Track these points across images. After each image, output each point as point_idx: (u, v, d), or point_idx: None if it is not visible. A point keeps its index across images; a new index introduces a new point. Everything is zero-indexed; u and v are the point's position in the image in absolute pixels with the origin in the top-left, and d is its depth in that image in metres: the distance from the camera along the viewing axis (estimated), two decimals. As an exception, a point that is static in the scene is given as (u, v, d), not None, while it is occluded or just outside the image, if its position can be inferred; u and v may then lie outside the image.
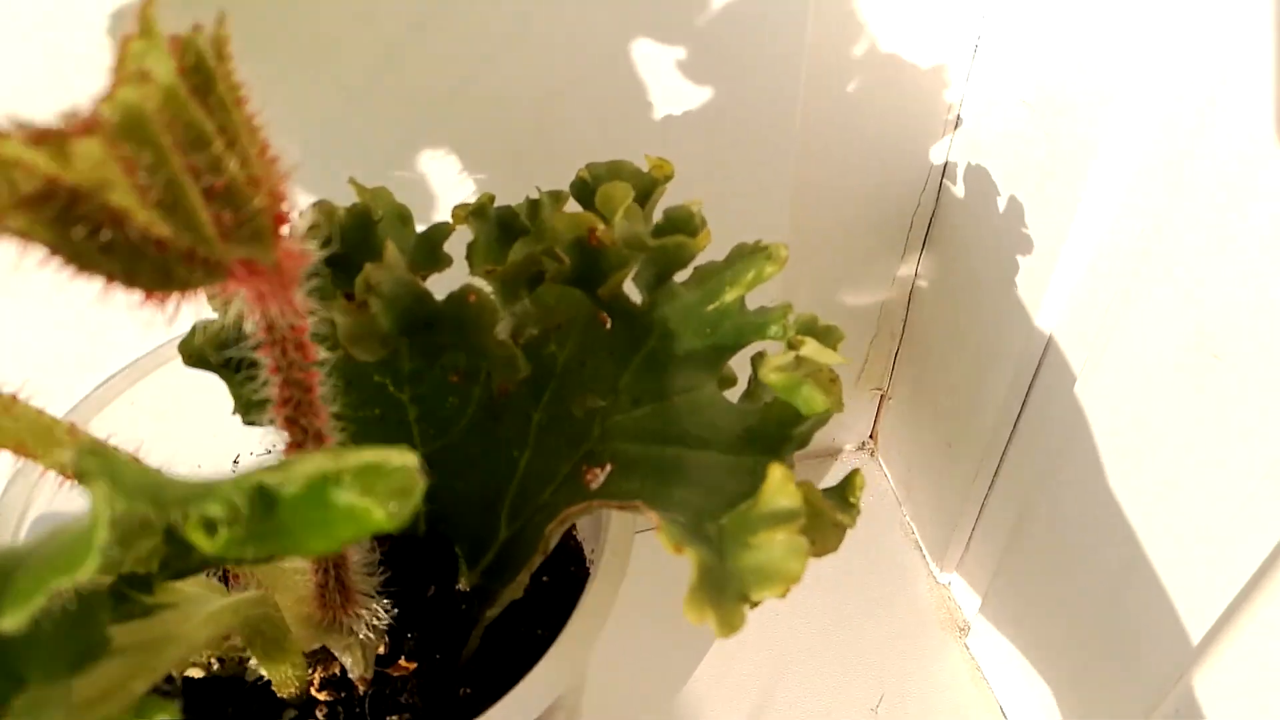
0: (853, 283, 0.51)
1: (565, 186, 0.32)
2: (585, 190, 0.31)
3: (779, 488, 0.23)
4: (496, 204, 0.31)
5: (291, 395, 0.22)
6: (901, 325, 0.53)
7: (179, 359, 0.29)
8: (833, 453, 0.61)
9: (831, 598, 0.54)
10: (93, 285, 0.16)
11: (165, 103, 0.15)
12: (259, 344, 0.20)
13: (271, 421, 0.23)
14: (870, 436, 0.61)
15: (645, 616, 0.52)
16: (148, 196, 0.15)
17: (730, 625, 0.21)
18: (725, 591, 0.22)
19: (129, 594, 0.21)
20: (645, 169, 0.31)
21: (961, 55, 0.43)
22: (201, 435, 0.35)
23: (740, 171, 0.43)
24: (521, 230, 0.30)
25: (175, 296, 0.17)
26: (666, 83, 0.40)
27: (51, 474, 0.20)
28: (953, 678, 0.51)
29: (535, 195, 0.32)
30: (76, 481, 0.19)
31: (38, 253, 0.15)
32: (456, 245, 0.31)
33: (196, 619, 0.22)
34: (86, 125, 0.14)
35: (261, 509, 0.15)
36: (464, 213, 0.30)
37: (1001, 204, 0.43)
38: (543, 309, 0.29)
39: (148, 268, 0.16)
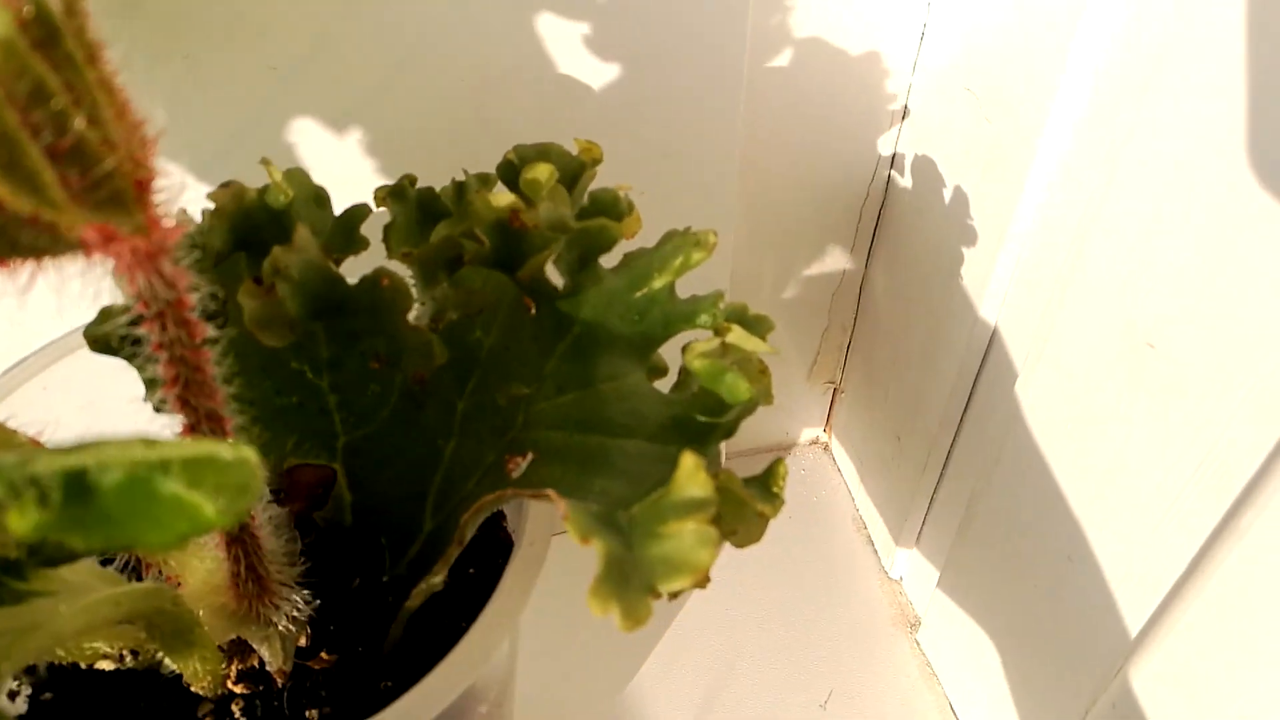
0: (803, 276, 0.50)
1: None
2: (512, 172, 0.30)
3: (690, 476, 0.22)
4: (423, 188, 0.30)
5: (179, 374, 0.21)
6: (853, 318, 0.53)
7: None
8: (786, 447, 0.60)
9: (781, 593, 0.53)
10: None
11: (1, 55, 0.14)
12: (138, 319, 0.19)
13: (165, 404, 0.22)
14: (824, 430, 0.60)
15: (587, 616, 0.51)
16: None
17: (635, 618, 0.20)
18: (630, 582, 0.21)
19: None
20: (574, 151, 0.30)
21: (908, 44, 0.42)
22: (120, 423, 0.34)
23: (685, 164, 0.43)
24: (443, 213, 0.29)
25: (26, 265, 0.16)
26: (608, 70, 0.39)
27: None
28: (902, 674, 0.50)
29: (461, 177, 0.31)
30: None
31: None
32: (379, 231, 0.30)
33: (70, 609, 0.21)
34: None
35: (76, 495, 0.14)
36: (383, 193, 0.29)
37: (948, 195, 0.42)
38: (464, 293, 0.28)
39: (-12, 232, 0.15)
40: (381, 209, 0.30)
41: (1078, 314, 0.35)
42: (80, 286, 0.18)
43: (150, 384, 0.27)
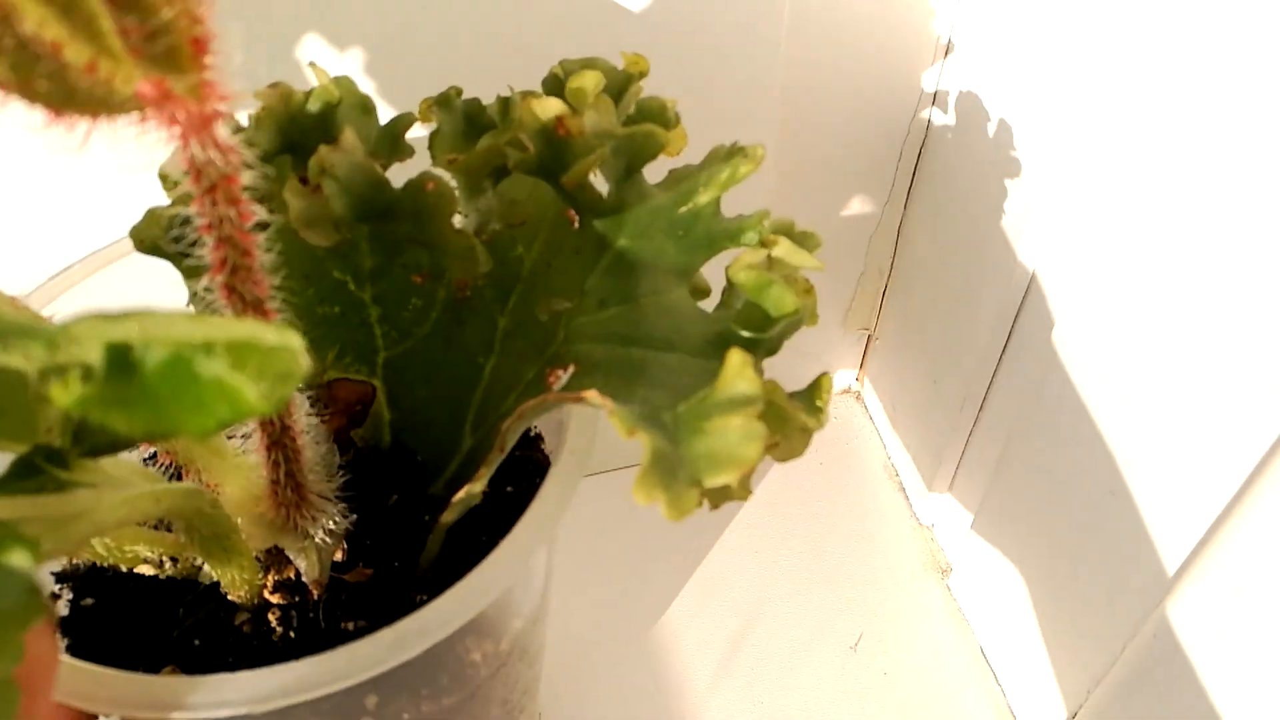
0: (840, 218, 0.50)
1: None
2: (558, 86, 0.29)
3: (737, 372, 0.22)
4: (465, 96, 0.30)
5: (227, 257, 0.20)
6: (890, 262, 0.52)
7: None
8: (819, 397, 0.59)
9: (812, 537, 0.53)
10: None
11: None
12: (190, 196, 0.19)
13: (210, 295, 0.22)
14: (856, 379, 0.59)
15: (621, 554, 0.51)
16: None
17: (680, 508, 0.20)
18: (677, 475, 0.20)
19: (43, 467, 0.20)
20: (621, 65, 0.30)
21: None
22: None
23: (726, 90, 0.42)
24: (489, 125, 0.29)
25: (84, 120, 0.16)
26: (652, -4, 0.39)
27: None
28: (933, 618, 0.50)
29: (507, 93, 0.30)
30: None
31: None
32: (423, 146, 0.30)
33: (111, 500, 0.21)
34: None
35: (119, 371, 0.14)
36: (429, 104, 0.29)
37: (991, 131, 0.41)
38: (507, 203, 0.28)
39: (45, 78, 0.15)
40: (429, 123, 0.30)
41: (1120, 250, 0.34)
42: (133, 154, 0.17)
43: (194, 274, 0.27)
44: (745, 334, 0.27)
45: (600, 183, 0.28)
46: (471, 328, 0.31)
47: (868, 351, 0.57)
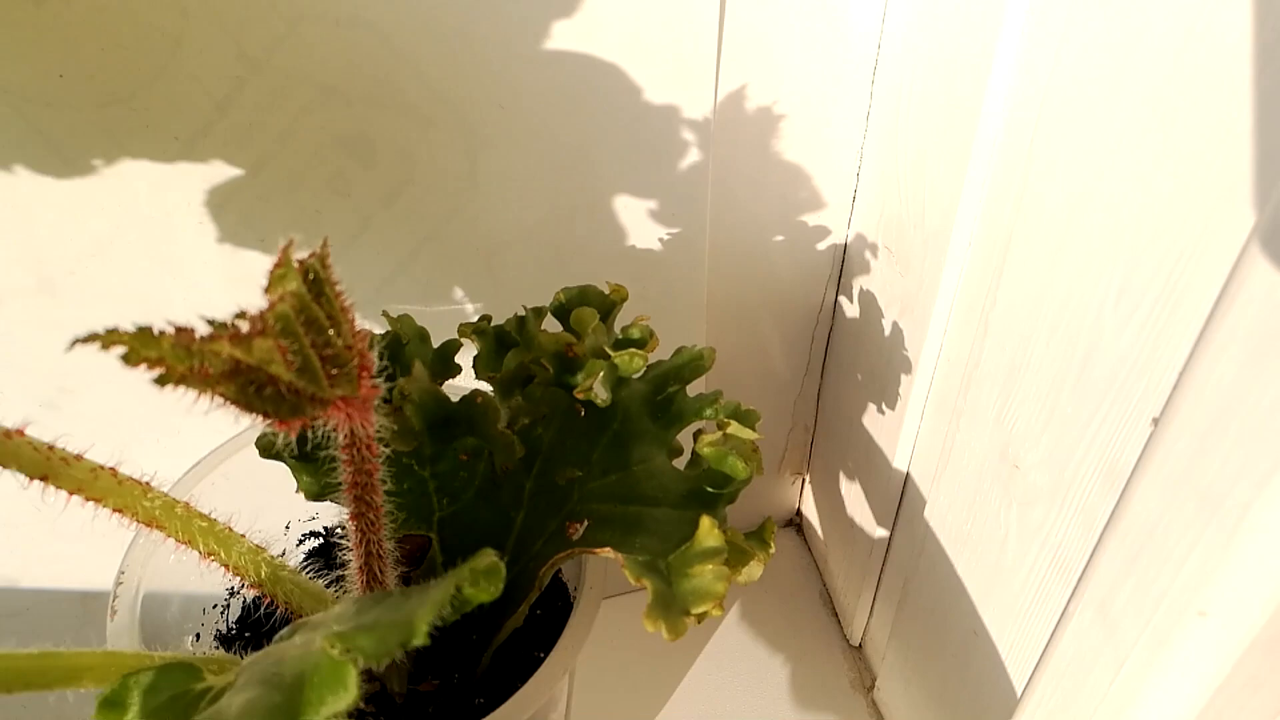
0: (771, 384, 0.60)
1: (531, 296, 0.41)
2: (561, 309, 0.39)
3: (707, 533, 0.31)
4: (493, 322, 0.40)
5: (359, 480, 0.30)
6: (814, 419, 0.62)
7: (247, 450, 0.37)
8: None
9: (756, 658, 0.62)
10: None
11: (299, 307, 0.24)
12: (340, 446, 0.29)
13: (332, 496, 0.31)
14: (796, 514, 0.69)
15: (613, 667, 0.59)
16: (291, 365, 0.23)
17: (676, 632, 0.29)
18: (672, 608, 0.30)
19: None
20: (606, 291, 0.40)
21: (843, 205, 0.53)
22: (264, 505, 0.43)
23: (664, 286, 0.52)
24: (513, 343, 0.39)
25: (298, 422, 0.25)
26: (605, 216, 0.49)
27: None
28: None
29: (521, 312, 0.40)
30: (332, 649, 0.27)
31: (218, 400, 0.24)
32: (463, 354, 0.40)
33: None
34: (257, 328, 0.23)
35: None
36: (468, 330, 0.39)
37: (875, 328, 0.52)
38: (532, 403, 0.38)
39: (287, 407, 0.24)
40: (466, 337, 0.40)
41: (966, 438, 0.44)
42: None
43: (309, 482, 0.36)
44: (711, 490, 0.37)
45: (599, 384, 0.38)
46: (505, 491, 0.40)
47: (802, 492, 0.67)
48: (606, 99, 0.45)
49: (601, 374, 0.37)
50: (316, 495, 0.36)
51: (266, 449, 0.37)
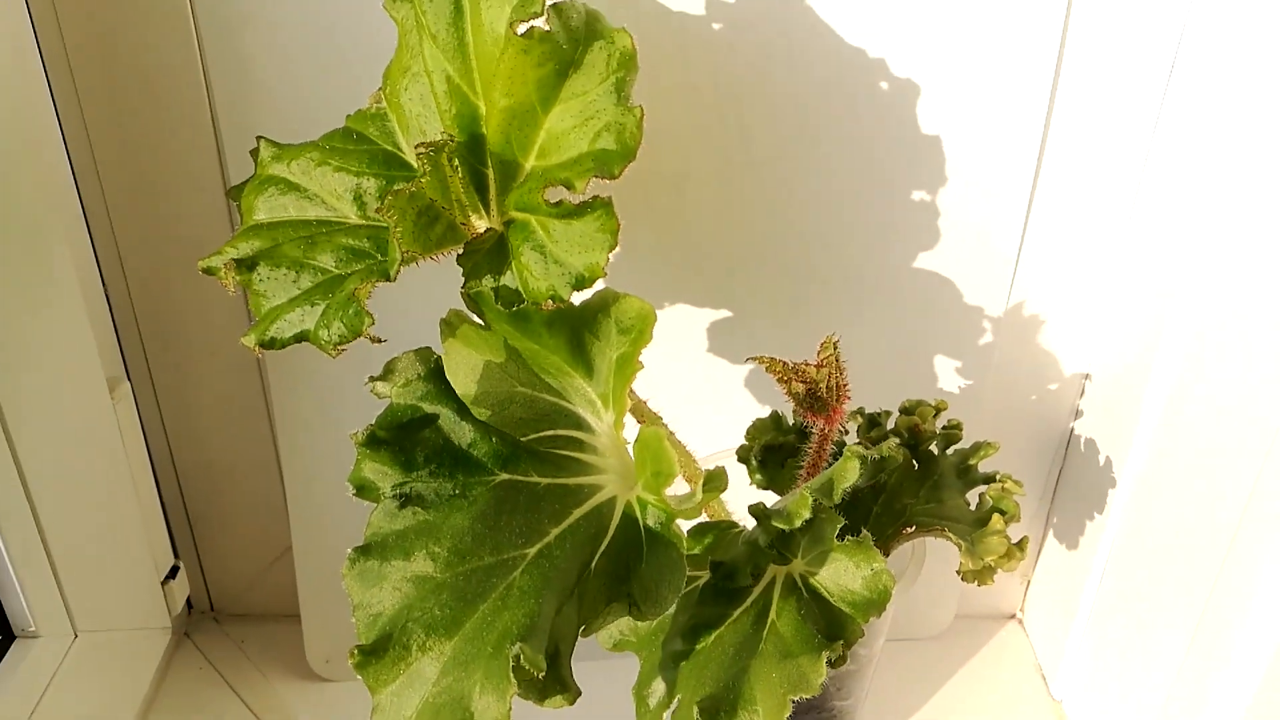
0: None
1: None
2: (907, 409, 0.67)
3: (996, 521, 0.57)
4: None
5: (816, 466, 0.58)
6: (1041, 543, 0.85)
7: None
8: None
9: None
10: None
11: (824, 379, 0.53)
12: (811, 443, 0.58)
13: (782, 481, 0.60)
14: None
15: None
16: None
17: (981, 578, 0.56)
18: (975, 557, 0.56)
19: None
20: (933, 402, 0.68)
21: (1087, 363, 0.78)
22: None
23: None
24: (879, 423, 0.67)
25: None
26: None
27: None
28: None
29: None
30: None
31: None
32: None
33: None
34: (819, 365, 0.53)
35: None
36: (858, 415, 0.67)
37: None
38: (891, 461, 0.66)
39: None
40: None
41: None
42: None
43: (761, 476, 0.65)
44: (995, 515, 0.63)
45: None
46: (861, 508, 0.67)
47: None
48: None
49: (935, 445, 0.64)
50: (766, 485, 0.65)
51: (741, 455, 0.66)
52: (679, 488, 0.49)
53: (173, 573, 0.76)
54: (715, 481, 0.46)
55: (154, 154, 0.67)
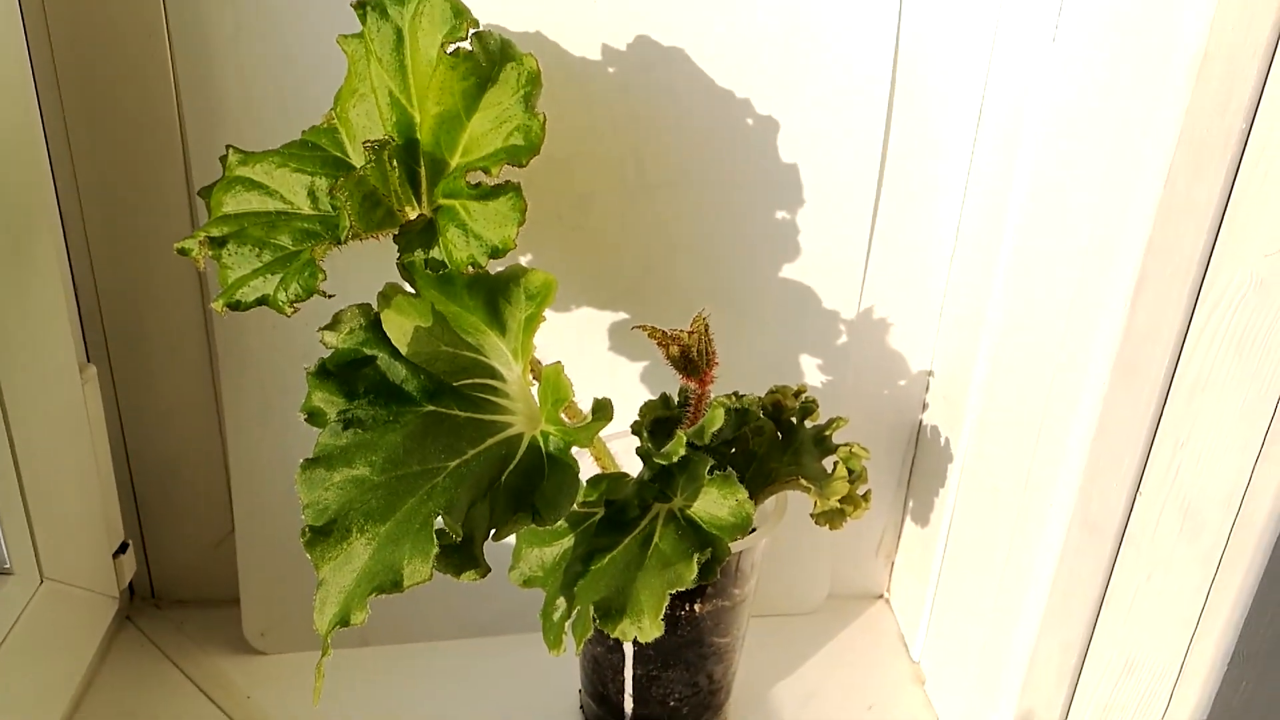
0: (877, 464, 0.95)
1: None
2: (771, 391, 0.78)
3: (841, 476, 0.68)
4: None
5: (694, 424, 0.68)
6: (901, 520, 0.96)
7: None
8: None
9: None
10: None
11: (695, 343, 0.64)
12: (689, 408, 0.68)
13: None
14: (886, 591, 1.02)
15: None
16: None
17: (831, 521, 0.66)
18: (826, 497, 0.66)
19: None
20: (794, 389, 0.78)
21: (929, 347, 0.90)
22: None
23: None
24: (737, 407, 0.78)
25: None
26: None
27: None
28: None
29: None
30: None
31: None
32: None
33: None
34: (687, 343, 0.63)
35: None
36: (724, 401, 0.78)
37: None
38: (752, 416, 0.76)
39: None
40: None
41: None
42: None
43: (658, 443, 0.75)
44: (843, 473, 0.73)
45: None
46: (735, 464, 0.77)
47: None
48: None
49: (795, 418, 0.75)
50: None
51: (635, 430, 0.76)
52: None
53: (123, 548, 0.82)
54: (603, 410, 0.55)
55: (125, 161, 0.76)
